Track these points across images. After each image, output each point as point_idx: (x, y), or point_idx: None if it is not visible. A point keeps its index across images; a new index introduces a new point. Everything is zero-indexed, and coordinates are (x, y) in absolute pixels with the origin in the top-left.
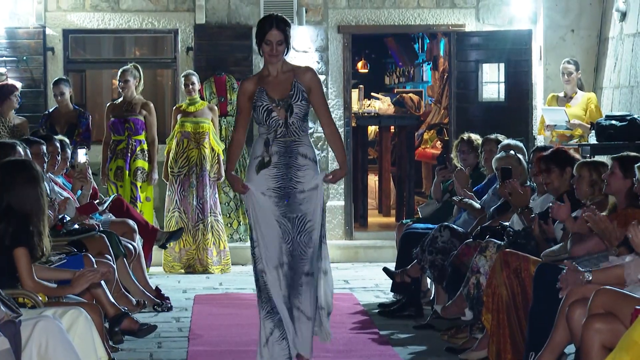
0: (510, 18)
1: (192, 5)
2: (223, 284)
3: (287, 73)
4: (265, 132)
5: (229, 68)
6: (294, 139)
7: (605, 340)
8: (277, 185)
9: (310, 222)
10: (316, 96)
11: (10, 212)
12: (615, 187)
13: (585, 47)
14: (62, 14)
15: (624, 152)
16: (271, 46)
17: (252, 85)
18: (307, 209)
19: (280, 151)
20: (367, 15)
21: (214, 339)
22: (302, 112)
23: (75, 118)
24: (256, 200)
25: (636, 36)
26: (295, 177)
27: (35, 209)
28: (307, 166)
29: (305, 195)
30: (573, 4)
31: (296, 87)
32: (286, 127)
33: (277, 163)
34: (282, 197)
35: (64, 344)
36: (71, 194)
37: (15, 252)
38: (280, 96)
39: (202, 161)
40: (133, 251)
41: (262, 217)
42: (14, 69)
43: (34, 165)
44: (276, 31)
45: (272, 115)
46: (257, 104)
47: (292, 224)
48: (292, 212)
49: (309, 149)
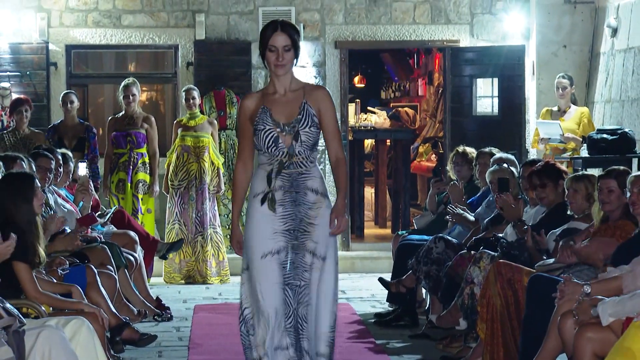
0: (504, 34)
1: (192, 21)
2: (222, 294)
3: (296, 92)
4: (267, 162)
5: (228, 83)
6: (301, 171)
7: (596, 349)
8: (285, 227)
9: (308, 296)
10: (327, 119)
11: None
12: (615, 204)
13: (577, 63)
14: (64, 30)
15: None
16: (276, 53)
17: (254, 102)
18: (312, 277)
19: (285, 186)
20: (364, 31)
21: (213, 348)
22: (311, 140)
23: (83, 132)
24: (256, 264)
25: (627, 51)
26: (306, 217)
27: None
28: (319, 204)
29: (317, 247)
30: (565, 20)
31: (305, 110)
32: (291, 157)
33: (282, 200)
34: (288, 253)
35: (67, 354)
36: (73, 205)
37: (14, 265)
38: (286, 119)
39: (201, 174)
40: (134, 262)
41: (264, 283)
42: (17, 83)
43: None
44: (282, 35)
45: (277, 142)
46: (258, 127)
47: (294, 293)
48: (295, 279)
49: (319, 183)
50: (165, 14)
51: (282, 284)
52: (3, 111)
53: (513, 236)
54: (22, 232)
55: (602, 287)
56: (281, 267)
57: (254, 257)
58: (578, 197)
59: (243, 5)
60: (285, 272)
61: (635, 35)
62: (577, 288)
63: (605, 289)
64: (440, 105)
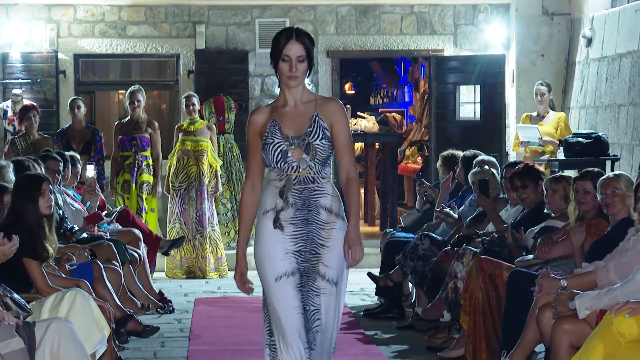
0: (485, 44)
1: (192, 32)
2: (221, 288)
3: (307, 104)
4: (276, 178)
5: (226, 90)
6: (312, 187)
7: (572, 340)
8: (296, 248)
9: (319, 321)
10: (339, 133)
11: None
12: (591, 205)
13: (554, 71)
14: (73, 40)
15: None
16: (289, 63)
17: (263, 116)
18: (322, 302)
19: (297, 203)
20: (354, 41)
21: (212, 339)
22: (322, 153)
23: (89, 136)
24: (271, 288)
25: (601, 60)
26: (318, 238)
27: (35, 221)
28: (332, 224)
29: (329, 272)
30: (543, 31)
31: (316, 123)
32: (301, 172)
33: (293, 218)
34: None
35: (75, 344)
36: (81, 205)
37: (24, 261)
38: (295, 132)
39: (200, 176)
40: (138, 258)
41: (282, 311)
42: (28, 90)
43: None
44: (296, 44)
45: (286, 156)
46: (267, 140)
47: (306, 318)
48: (306, 303)
49: (333, 201)
50: (167, 25)
51: (300, 307)
52: (15, 116)
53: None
54: (30, 230)
55: (578, 281)
56: (297, 289)
57: (267, 279)
58: (556, 197)
59: (241, 17)
60: (301, 296)
61: (608, 45)
62: (555, 282)
63: (580, 283)
64: (425, 110)
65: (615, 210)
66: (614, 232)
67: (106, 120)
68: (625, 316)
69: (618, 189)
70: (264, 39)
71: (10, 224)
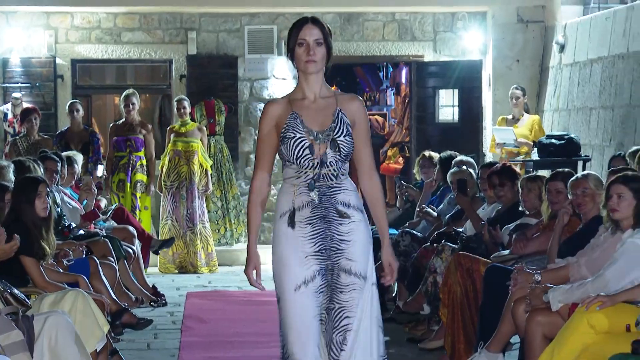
0: (463, 50)
1: (184, 38)
2: (212, 282)
3: (327, 99)
4: (293, 176)
5: (217, 93)
6: (331, 185)
7: (546, 332)
8: (316, 248)
9: (348, 319)
10: (360, 133)
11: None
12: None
13: (529, 76)
14: (70, 46)
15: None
16: (307, 46)
17: (281, 108)
18: (351, 299)
19: (313, 201)
20: (339, 47)
21: (203, 331)
22: (345, 150)
23: (87, 137)
24: (289, 299)
25: (573, 66)
26: (338, 234)
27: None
28: (353, 218)
29: (354, 265)
30: (518, 38)
31: (340, 118)
32: (322, 169)
33: (310, 218)
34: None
35: (72, 336)
36: (78, 203)
37: (21, 259)
38: (320, 127)
39: (191, 176)
40: (133, 254)
41: (301, 321)
42: (28, 93)
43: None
44: (313, 27)
45: (310, 151)
46: (287, 134)
47: (329, 318)
48: (330, 302)
49: (353, 195)
50: (160, 32)
51: (318, 316)
52: (15, 119)
53: (472, 230)
54: (27, 230)
55: (551, 276)
56: (316, 295)
57: (285, 289)
58: (531, 195)
59: (231, 24)
60: (323, 299)
61: (580, 51)
62: (529, 276)
63: (553, 278)
64: (406, 113)
65: (586, 209)
66: (585, 230)
67: (102, 122)
68: (596, 309)
69: (587, 188)
70: (253, 45)
71: (9, 224)
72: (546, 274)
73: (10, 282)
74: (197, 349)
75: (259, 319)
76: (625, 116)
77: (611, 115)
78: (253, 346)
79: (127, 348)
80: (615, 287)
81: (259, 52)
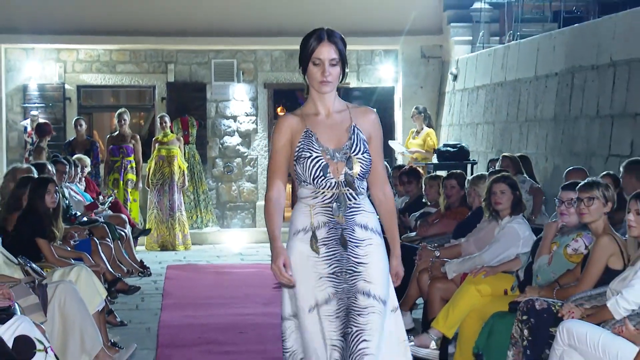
0: (380, 78)
1: (165, 69)
2: (186, 257)
3: (341, 113)
4: (309, 196)
5: (190, 112)
6: (349, 205)
7: (443, 295)
8: (330, 270)
9: (365, 342)
10: (375, 146)
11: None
12: (455, 197)
13: (430, 98)
14: (76, 75)
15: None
16: (322, 67)
17: (295, 123)
18: (369, 322)
19: (331, 222)
20: (284, 76)
21: (180, 295)
22: (364, 168)
23: (89, 145)
24: (304, 318)
25: (463, 91)
26: (354, 256)
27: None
28: (368, 241)
29: (373, 288)
30: (421, 69)
31: (356, 135)
32: (340, 189)
33: (326, 239)
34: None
35: (77, 301)
36: (82, 196)
37: (36, 240)
38: (336, 145)
39: (172, 175)
40: (125, 236)
41: (315, 344)
42: (42, 111)
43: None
44: (329, 45)
45: (326, 171)
46: (302, 154)
47: (346, 343)
48: (347, 326)
49: (371, 218)
50: (146, 64)
51: (337, 341)
52: (32, 131)
53: None
54: (40, 218)
55: (448, 252)
56: (333, 320)
57: (300, 309)
58: (432, 190)
59: (200, 58)
60: (339, 324)
61: (468, 80)
62: (430, 253)
63: (449, 253)
64: None
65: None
66: (472, 217)
67: (101, 134)
68: (482, 277)
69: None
70: (218, 74)
71: (27, 213)
72: (443, 251)
73: (29, 258)
74: (174, 309)
75: (223, 285)
76: (503, 130)
77: (492, 129)
78: (219, 307)
79: (120, 309)
80: (496, 260)
81: (223, 80)
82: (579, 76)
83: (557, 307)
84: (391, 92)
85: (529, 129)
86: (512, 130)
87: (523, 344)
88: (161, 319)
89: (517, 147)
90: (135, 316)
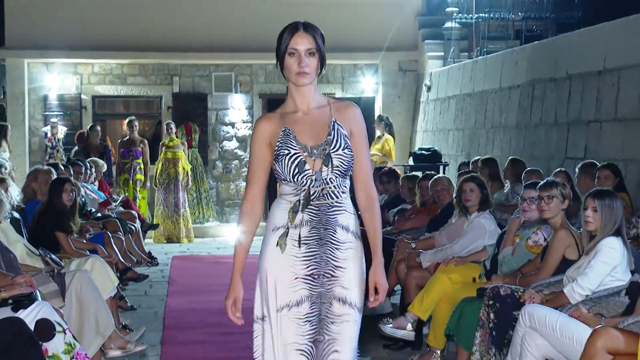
0: (362, 89)
1: (170, 81)
2: (189, 249)
3: (321, 109)
4: (291, 193)
5: (193, 119)
6: (331, 203)
7: (418, 282)
8: (307, 271)
9: (336, 354)
10: (358, 142)
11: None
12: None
13: (406, 107)
14: (91, 86)
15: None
16: (298, 57)
17: (272, 125)
18: (342, 331)
19: (312, 220)
20: (277, 87)
21: (185, 282)
22: (344, 165)
23: (102, 149)
24: (272, 318)
25: (436, 101)
26: (333, 259)
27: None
28: (349, 244)
29: (349, 295)
30: (399, 81)
31: (336, 130)
32: (321, 186)
33: (306, 238)
34: (313, 304)
35: (92, 288)
36: (96, 194)
37: (56, 234)
38: (314, 142)
39: (177, 175)
40: (135, 230)
41: (281, 345)
42: (61, 119)
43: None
44: (305, 35)
45: (303, 168)
46: (281, 151)
47: (317, 350)
48: (319, 333)
49: (351, 219)
50: (154, 76)
51: (305, 345)
52: (52, 136)
53: None
54: (59, 214)
55: (422, 244)
56: (302, 323)
57: (269, 307)
58: (406, 189)
59: (202, 72)
60: (309, 328)
61: (441, 91)
62: (407, 244)
63: (424, 245)
64: None
65: (444, 199)
66: (443, 213)
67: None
68: (452, 267)
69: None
70: (218, 86)
71: (47, 209)
72: (419, 243)
73: (48, 250)
74: (179, 296)
75: (221, 274)
76: (471, 135)
77: (462, 134)
78: (219, 293)
79: (130, 295)
80: (465, 251)
81: (222, 91)
82: (538, 88)
83: (520, 293)
84: (372, 101)
85: (495, 135)
86: (480, 136)
87: (489, 326)
88: (167, 304)
89: (484, 151)
90: (144, 301)
